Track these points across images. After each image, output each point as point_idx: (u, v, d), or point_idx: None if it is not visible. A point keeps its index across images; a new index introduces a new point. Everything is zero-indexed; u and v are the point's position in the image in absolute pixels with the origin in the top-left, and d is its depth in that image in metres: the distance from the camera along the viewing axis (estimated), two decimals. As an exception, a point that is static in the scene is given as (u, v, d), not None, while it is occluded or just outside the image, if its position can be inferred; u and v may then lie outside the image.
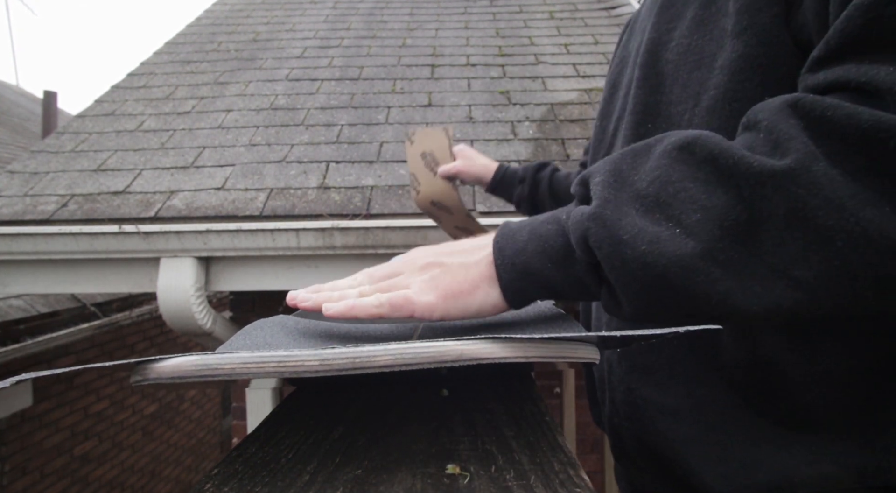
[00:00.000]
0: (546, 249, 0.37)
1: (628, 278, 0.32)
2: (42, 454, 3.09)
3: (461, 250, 0.40)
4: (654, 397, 0.46)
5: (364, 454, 0.31)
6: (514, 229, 0.39)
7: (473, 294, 0.38)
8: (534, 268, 0.37)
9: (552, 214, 0.39)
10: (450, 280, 0.38)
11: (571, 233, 0.35)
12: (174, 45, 3.00)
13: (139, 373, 0.27)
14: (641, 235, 0.32)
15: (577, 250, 0.35)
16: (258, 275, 1.67)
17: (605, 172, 0.35)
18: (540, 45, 2.81)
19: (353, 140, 2.04)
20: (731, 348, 0.41)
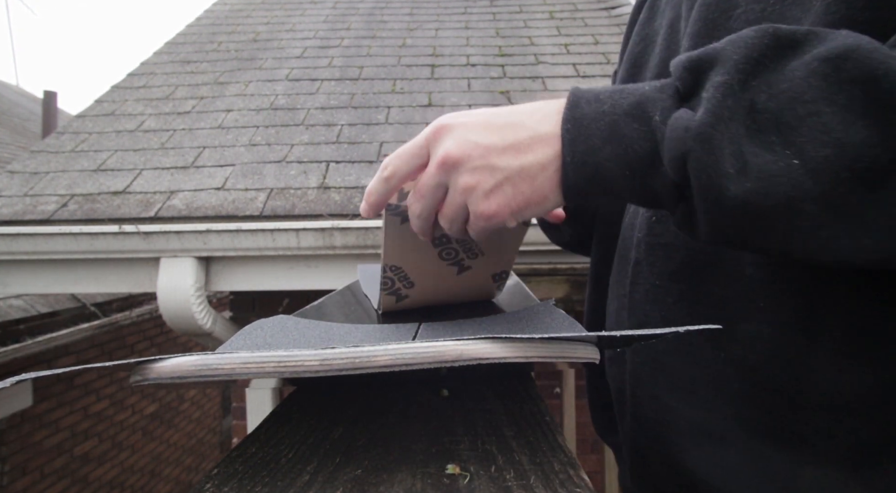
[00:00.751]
0: (627, 154, 0.31)
1: (721, 212, 0.29)
2: (42, 454, 3.09)
3: (516, 143, 0.34)
4: (698, 419, 0.40)
5: (364, 454, 0.31)
6: (592, 115, 0.33)
7: (542, 205, 0.35)
8: (606, 173, 0.32)
9: (638, 101, 0.32)
10: (513, 192, 0.34)
11: (667, 147, 0.30)
12: (174, 45, 3.00)
13: (139, 373, 0.27)
14: (750, 167, 0.27)
15: (668, 167, 0.30)
16: (258, 275, 1.67)
17: (733, 66, 0.29)
18: (540, 45, 2.81)
19: (353, 140, 2.04)
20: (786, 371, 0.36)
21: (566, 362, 0.31)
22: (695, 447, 0.40)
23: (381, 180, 0.39)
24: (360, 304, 0.57)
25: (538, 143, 0.34)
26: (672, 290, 0.43)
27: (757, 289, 0.37)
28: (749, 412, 0.38)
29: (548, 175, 0.34)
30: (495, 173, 0.34)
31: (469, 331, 0.39)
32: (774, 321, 0.36)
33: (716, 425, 0.39)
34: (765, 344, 0.37)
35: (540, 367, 1.64)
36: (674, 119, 0.30)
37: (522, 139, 0.34)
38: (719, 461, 0.39)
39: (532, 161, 0.34)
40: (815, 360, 0.35)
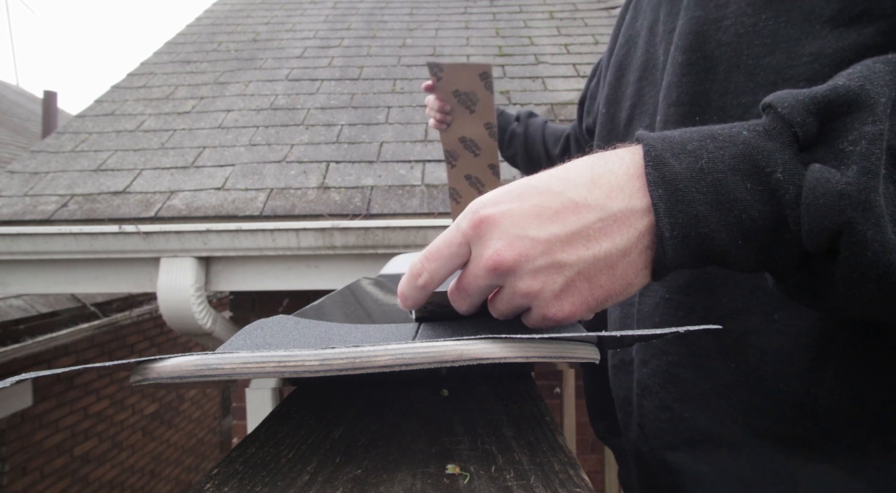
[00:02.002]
0: (741, 222, 0.26)
1: (883, 288, 0.25)
2: (42, 454, 3.09)
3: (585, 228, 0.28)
4: (709, 428, 0.40)
5: (364, 454, 0.31)
6: (682, 181, 0.27)
7: (626, 292, 0.29)
8: (715, 246, 0.27)
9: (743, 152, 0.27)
10: (589, 288, 0.28)
11: (811, 216, 0.25)
12: (174, 45, 3.00)
13: (139, 373, 0.27)
14: None
15: (809, 238, 0.25)
16: (258, 275, 1.67)
17: (883, 116, 0.24)
18: (540, 45, 2.81)
19: (353, 140, 2.04)
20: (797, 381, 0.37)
21: (566, 363, 0.31)
22: (706, 455, 0.40)
23: (416, 288, 0.32)
24: (360, 304, 0.57)
25: (613, 225, 0.28)
26: (682, 303, 0.42)
27: (772, 302, 0.37)
28: (758, 420, 0.38)
29: (631, 260, 0.28)
30: (564, 271, 0.28)
31: (469, 331, 0.39)
32: (787, 334, 0.36)
33: (727, 433, 0.39)
34: (776, 356, 0.37)
35: (540, 367, 1.64)
36: (814, 181, 0.25)
37: (590, 223, 0.28)
38: (730, 468, 0.39)
39: (609, 249, 0.28)
40: (824, 371, 0.35)
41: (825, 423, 0.36)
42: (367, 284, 0.70)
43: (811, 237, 0.25)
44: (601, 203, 0.28)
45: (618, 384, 0.52)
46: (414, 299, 0.33)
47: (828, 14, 0.33)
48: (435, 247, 0.31)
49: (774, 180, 0.26)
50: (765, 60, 0.36)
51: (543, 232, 0.28)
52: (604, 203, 0.28)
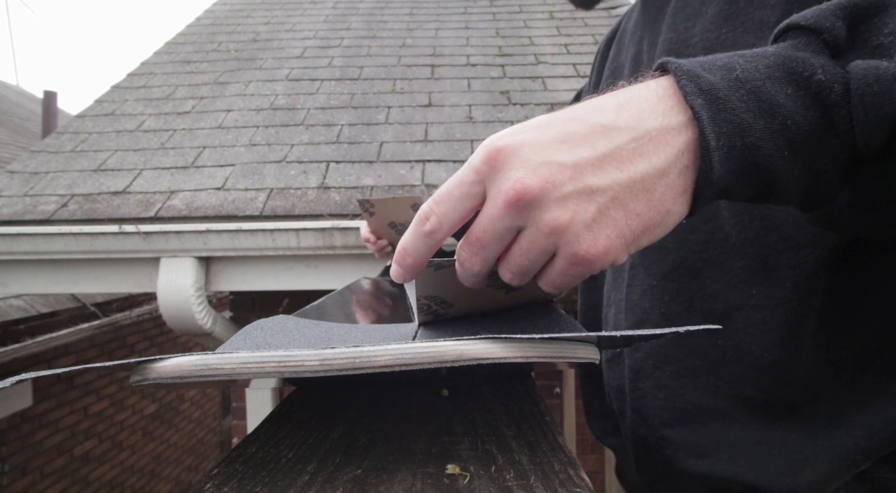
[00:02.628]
0: (787, 128, 0.24)
1: None
2: (42, 454, 3.09)
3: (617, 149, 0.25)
4: (702, 401, 0.43)
5: (364, 454, 0.31)
6: (721, 90, 0.25)
7: (664, 224, 0.26)
8: (763, 157, 0.25)
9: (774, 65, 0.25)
10: (625, 218, 0.25)
11: (867, 105, 0.23)
12: (174, 45, 3.00)
13: (139, 373, 0.27)
14: None
15: (864, 131, 0.24)
16: (258, 275, 1.67)
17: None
18: (540, 45, 2.81)
19: (353, 140, 2.04)
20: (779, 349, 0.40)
21: (566, 363, 0.31)
22: (702, 428, 0.43)
23: (422, 236, 0.28)
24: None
25: (647, 144, 0.25)
26: (668, 288, 0.46)
27: (749, 280, 0.40)
28: (746, 391, 0.41)
29: (670, 181, 0.25)
30: (596, 196, 0.25)
31: (469, 331, 0.39)
32: (765, 306, 0.39)
33: (718, 405, 0.42)
34: (757, 328, 0.40)
35: (540, 367, 1.64)
36: (863, 71, 0.23)
37: (622, 144, 0.25)
38: (724, 438, 0.41)
39: (644, 169, 0.25)
40: (803, 338, 0.38)
41: (806, 388, 0.38)
42: (367, 284, 0.70)
43: (867, 131, 0.24)
44: (632, 124, 0.25)
45: (611, 376, 0.55)
46: (416, 253, 0.29)
47: (774, 20, 0.36)
48: (445, 188, 0.27)
49: (816, 82, 0.24)
50: None
51: (571, 156, 0.25)
52: (635, 124, 0.25)
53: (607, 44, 0.63)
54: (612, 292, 0.55)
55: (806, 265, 0.37)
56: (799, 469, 0.38)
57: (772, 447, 0.40)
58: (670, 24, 0.45)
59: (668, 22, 0.46)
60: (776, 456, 0.40)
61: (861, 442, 0.36)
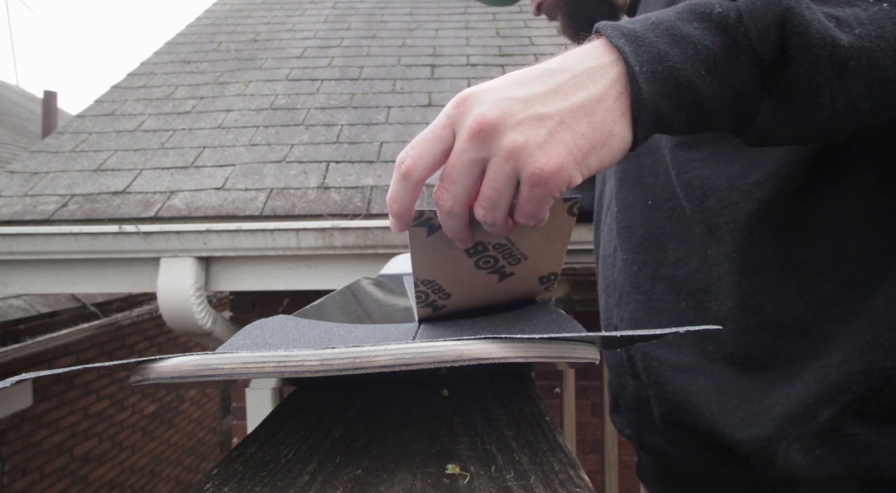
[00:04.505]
0: (699, 52, 0.29)
1: (836, 70, 0.27)
2: (42, 454, 3.09)
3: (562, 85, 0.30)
4: (668, 358, 0.47)
5: (364, 454, 0.31)
6: (640, 31, 0.30)
7: (609, 144, 0.30)
8: (683, 77, 0.29)
9: (683, 8, 0.31)
10: (571, 134, 0.29)
11: (756, 18, 0.28)
12: (174, 45, 3.00)
13: (139, 373, 0.27)
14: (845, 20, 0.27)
15: (760, 42, 0.28)
16: (258, 275, 1.67)
17: None
18: (540, 45, 2.81)
19: (353, 140, 2.04)
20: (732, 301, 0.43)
21: (566, 363, 0.31)
22: (670, 381, 0.47)
23: (400, 179, 0.31)
24: (361, 304, 0.57)
25: (585, 79, 0.30)
26: (636, 260, 0.51)
27: (704, 243, 0.45)
28: (709, 345, 0.45)
29: (607, 106, 0.30)
30: (545, 121, 0.29)
31: (469, 331, 0.39)
32: (717, 264, 0.44)
33: (684, 360, 0.46)
34: (714, 285, 0.44)
35: (540, 367, 1.64)
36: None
37: (565, 81, 0.30)
38: (692, 389, 0.45)
39: (584, 96, 0.29)
40: (750, 289, 0.42)
41: (762, 338, 0.41)
42: (367, 284, 0.70)
43: (762, 41, 0.28)
44: (572, 65, 0.30)
45: (610, 354, 0.59)
46: (398, 197, 0.32)
47: None
48: (420, 134, 0.32)
49: (716, 14, 0.29)
50: None
51: (523, 92, 0.30)
52: (574, 65, 0.30)
53: None
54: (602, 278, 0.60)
55: (739, 219, 0.42)
56: (759, 418, 0.41)
57: (733, 398, 0.43)
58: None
59: None
60: (738, 407, 0.42)
61: (813, 387, 0.39)
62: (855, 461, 0.38)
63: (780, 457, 0.39)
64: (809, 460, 0.39)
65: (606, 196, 0.60)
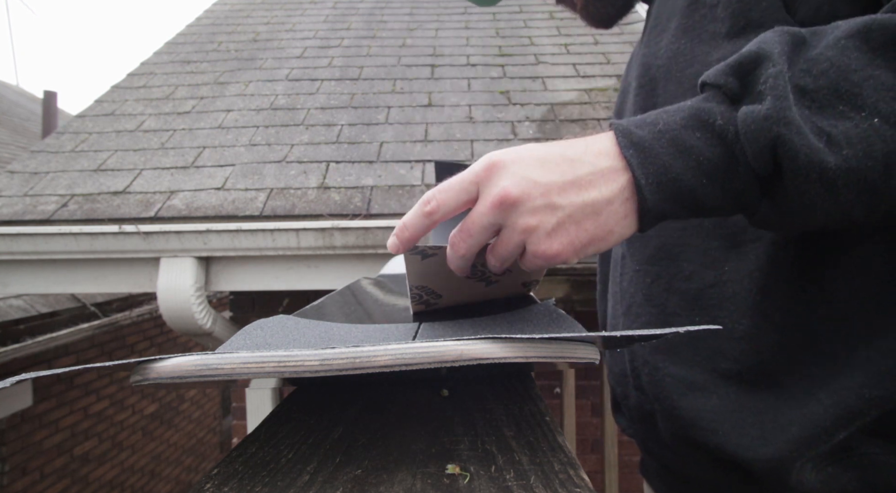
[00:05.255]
0: (700, 163, 0.32)
1: (825, 187, 0.30)
2: (42, 454, 3.09)
3: (577, 180, 0.33)
4: (681, 374, 0.46)
5: (364, 454, 0.31)
6: (647, 140, 0.33)
7: (605, 241, 0.34)
8: (684, 188, 0.32)
9: (689, 115, 0.33)
10: (576, 231, 0.33)
11: (749, 141, 0.30)
12: (174, 45, 3.00)
13: (139, 373, 0.27)
14: (836, 138, 0.29)
15: (755, 160, 0.31)
16: (258, 275, 1.67)
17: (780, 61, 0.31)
18: (540, 45, 2.81)
19: (353, 140, 2.04)
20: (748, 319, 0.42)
21: (566, 363, 0.31)
22: (682, 397, 0.45)
23: (422, 215, 0.36)
24: (361, 304, 0.57)
25: (600, 178, 0.34)
26: (650, 272, 0.50)
27: (721, 258, 0.44)
28: (723, 363, 0.43)
29: (613, 209, 0.34)
30: (557, 212, 0.33)
31: (469, 331, 0.39)
32: (735, 280, 0.43)
33: (697, 378, 0.45)
34: (729, 301, 0.43)
35: (540, 367, 1.64)
36: (744, 114, 0.31)
37: (583, 175, 0.34)
38: (703, 407, 0.44)
39: (596, 197, 0.33)
40: (769, 308, 0.41)
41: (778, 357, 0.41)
42: (367, 284, 0.70)
43: (756, 159, 0.31)
44: (592, 161, 0.34)
45: (613, 361, 0.57)
46: (414, 228, 0.36)
47: (724, 31, 0.42)
48: (448, 182, 0.36)
49: (718, 127, 0.32)
50: (687, 71, 0.45)
51: (545, 177, 0.33)
52: (594, 161, 0.34)
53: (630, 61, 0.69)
54: (611, 285, 0.58)
55: (766, 237, 0.41)
56: (773, 438, 0.40)
57: (747, 417, 0.42)
58: (646, 41, 0.52)
59: (644, 40, 0.53)
60: (752, 426, 0.41)
61: (830, 410, 0.38)
62: (868, 480, 0.37)
63: (794, 477, 0.39)
64: (822, 478, 0.38)
65: None
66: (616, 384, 0.57)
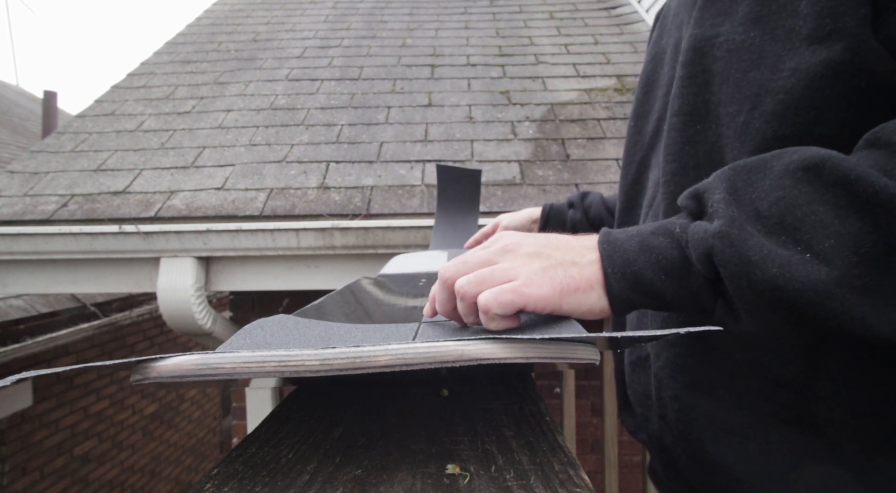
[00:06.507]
0: (659, 261, 0.36)
1: (755, 298, 0.32)
2: (42, 454, 3.09)
3: (566, 247, 0.39)
4: (718, 415, 0.43)
5: (364, 454, 0.31)
6: (621, 239, 0.38)
7: (588, 294, 0.37)
8: (646, 279, 0.36)
9: (659, 225, 0.37)
10: (563, 275, 0.37)
11: (693, 249, 0.34)
12: (174, 45, 3.00)
13: (139, 372, 0.27)
14: (771, 257, 0.31)
15: (699, 265, 0.34)
16: (258, 275, 1.67)
17: (723, 189, 0.34)
18: (540, 45, 2.81)
19: (353, 140, 2.04)
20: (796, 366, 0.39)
21: (566, 363, 0.31)
22: (716, 442, 0.42)
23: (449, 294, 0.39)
24: (361, 304, 0.57)
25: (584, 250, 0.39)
26: None
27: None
28: (764, 406, 0.40)
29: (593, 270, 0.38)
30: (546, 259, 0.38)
31: (469, 331, 0.39)
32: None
33: (735, 420, 0.42)
34: (775, 345, 0.40)
35: (540, 367, 1.64)
36: (692, 227, 0.35)
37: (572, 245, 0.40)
38: (741, 454, 0.41)
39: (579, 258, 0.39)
40: (822, 356, 0.38)
41: (831, 409, 0.38)
42: (367, 284, 0.70)
43: (700, 264, 0.34)
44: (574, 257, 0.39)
45: (635, 380, 0.55)
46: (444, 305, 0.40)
47: (805, 32, 0.37)
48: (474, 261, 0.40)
49: (676, 234, 0.36)
50: (750, 74, 0.41)
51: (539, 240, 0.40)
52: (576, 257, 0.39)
53: (655, 22, 0.61)
54: None
55: None
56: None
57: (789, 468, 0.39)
58: (698, 19, 0.45)
59: (696, 15, 0.45)
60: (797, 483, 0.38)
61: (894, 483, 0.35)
62: None
63: None
64: None
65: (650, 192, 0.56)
66: (637, 404, 0.54)
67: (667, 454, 0.49)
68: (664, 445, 0.49)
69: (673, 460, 0.48)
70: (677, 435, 0.46)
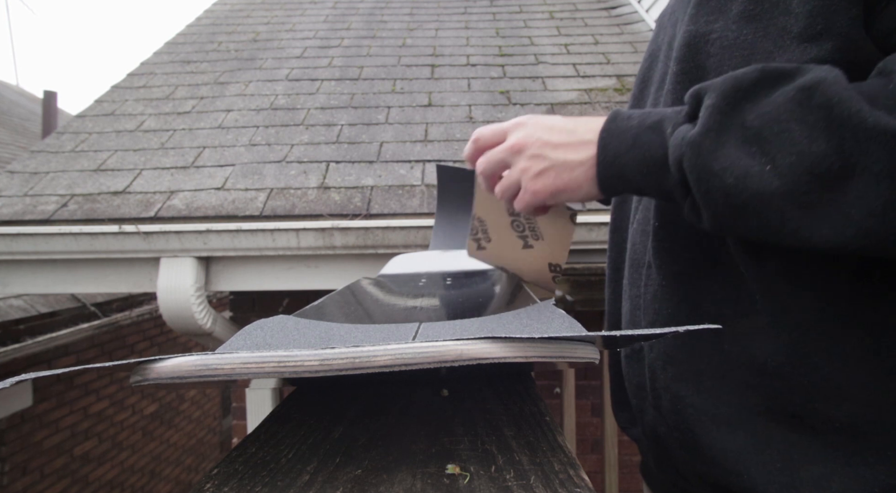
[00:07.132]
0: (645, 159, 0.40)
1: (712, 202, 0.36)
2: (42, 454, 3.09)
3: (566, 143, 0.45)
4: (706, 406, 0.43)
5: (364, 454, 0.31)
6: (623, 128, 0.42)
7: (576, 192, 0.45)
8: (629, 175, 0.41)
9: (662, 117, 0.41)
10: (554, 177, 0.45)
11: (671, 153, 0.38)
12: (174, 45, 3.00)
13: (139, 373, 0.27)
14: (732, 168, 0.34)
15: (672, 167, 0.38)
16: (258, 275, 1.67)
17: (720, 94, 0.36)
18: (540, 45, 2.81)
19: (353, 140, 2.04)
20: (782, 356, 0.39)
21: (566, 363, 0.31)
22: (706, 433, 0.43)
23: (471, 142, 0.52)
24: (361, 304, 0.57)
25: (581, 146, 0.45)
26: (677, 290, 0.47)
27: (754, 289, 0.41)
28: (752, 397, 0.41)
29: (584, 170, 0.45)
30: (544, 161, 0.46)
31: (469, 331, 0.39)
32: (770, 315, 0.40)
33: (723, 411, 0.42)
34: (763, 336, 0.40)
35: (540, 367, 1.64)
36: (678, 132, 0.38)
37: (571, 141, 0.45)
38: (729, 445, 0.41)
39: (573, 158, 0.45)
40: (808, 348, 0.38)
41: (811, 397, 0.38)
42: (367, 284, 0.70)
43: (673, 167, 0.38)
44: (581, 134, 0.45)
45: (630, 372, 0.55)
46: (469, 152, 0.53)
47: (796, 30, 0.38)
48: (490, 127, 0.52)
49: (666, 134, 0.40)
50: None
51: (545, 137, 0.47)
52: (582, 134, 0.45)
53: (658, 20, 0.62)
54: (629, 288, 0.55)
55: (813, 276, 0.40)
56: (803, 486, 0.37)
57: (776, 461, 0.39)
58: (693, 16, 0.46)
59: (690, 12, 0.46)
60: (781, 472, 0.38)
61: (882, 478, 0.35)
62: None
63: None
64: None
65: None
66: (633, 396, 0.54)
67: (661, 445, 0.49)
68: (658, 435, 0.49)
69: (666, 450, 0.48)
70: (671, 425, 0.46)
